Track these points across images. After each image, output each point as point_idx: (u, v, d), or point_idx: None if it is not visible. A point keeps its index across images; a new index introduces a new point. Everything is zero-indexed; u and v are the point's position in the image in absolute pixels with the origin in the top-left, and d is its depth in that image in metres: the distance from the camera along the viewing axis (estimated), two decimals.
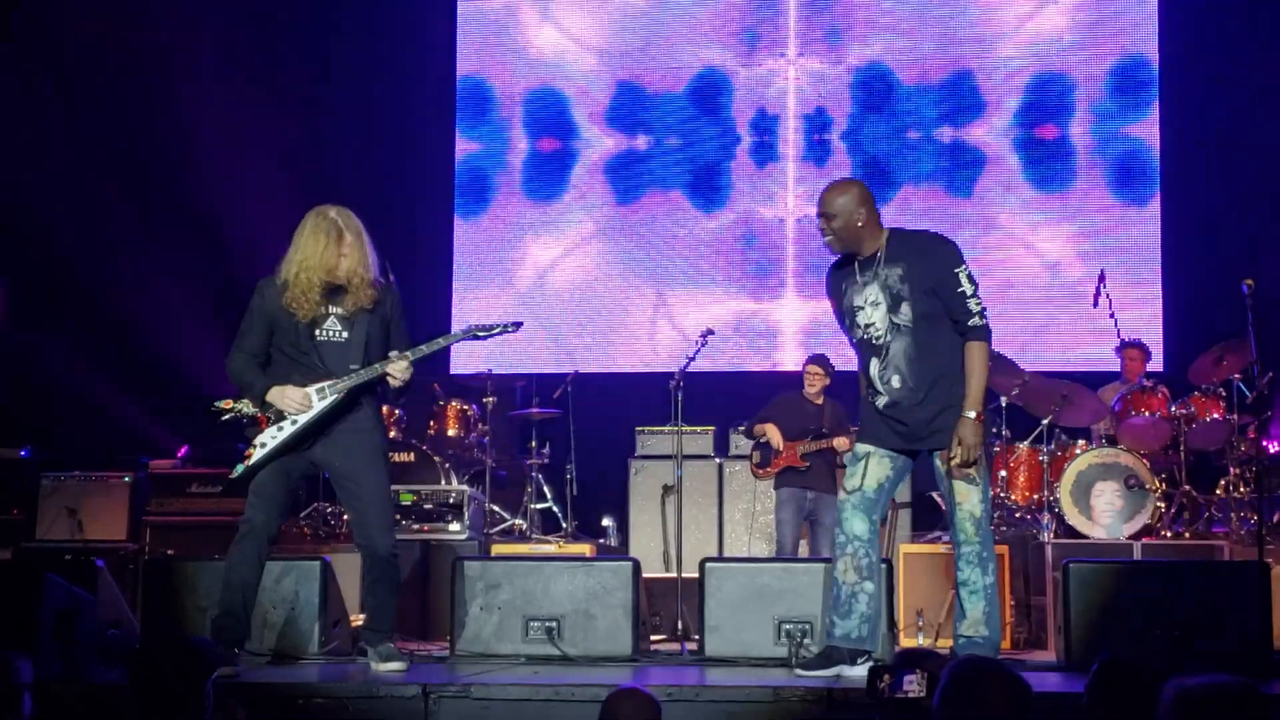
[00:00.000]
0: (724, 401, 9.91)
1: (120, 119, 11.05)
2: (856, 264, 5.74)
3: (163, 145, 11.05)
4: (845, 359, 9.47)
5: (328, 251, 5.80)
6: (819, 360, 8.91)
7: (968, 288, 5.61)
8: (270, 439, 5.85)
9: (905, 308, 5.63)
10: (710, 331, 8.94)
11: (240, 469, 5.90)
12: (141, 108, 11.05)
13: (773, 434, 8.69)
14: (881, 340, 5.68)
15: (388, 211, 9.81)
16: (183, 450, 9.82)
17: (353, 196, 6.36)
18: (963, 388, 5.61)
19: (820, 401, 8.79)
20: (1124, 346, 9.48)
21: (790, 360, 10.66)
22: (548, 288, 11.31)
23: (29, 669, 3.83)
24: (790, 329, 11.04)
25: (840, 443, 8.43)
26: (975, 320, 5.62)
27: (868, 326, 5.72)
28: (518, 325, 6.19)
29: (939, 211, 10.76)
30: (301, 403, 5.80)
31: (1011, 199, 10.99)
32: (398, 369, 5.85)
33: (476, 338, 6.20)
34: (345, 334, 5.89)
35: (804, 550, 8.65)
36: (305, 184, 10.00)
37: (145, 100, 11.03)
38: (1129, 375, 9.41)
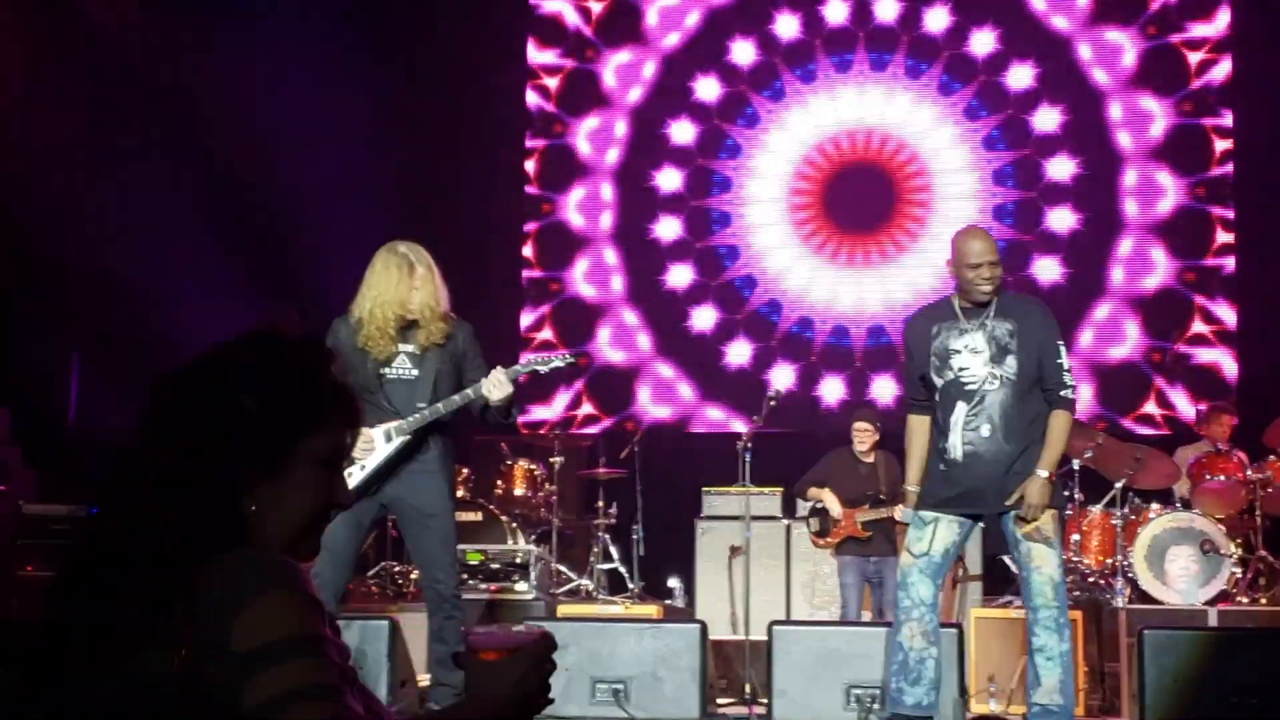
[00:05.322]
0: (792, 462, 9.83)
1: (189, 159, 11.04)
2: (960, 310, 5.74)
3: (240, 191, 11.03)
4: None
5: (400, 285, 5.86)
6: (867, 416, 8.68)
7: (1065, 360, 5.73)
8: None
9: (1011, 361, 5.66)
10: (779, 391, 8.88)
11: None
12: (206, 144, 11.04)
13: (830, 501, 8.49)
14: (977, 388, 5.67)
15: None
16: None
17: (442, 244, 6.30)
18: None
19: (872, 459, 8.59)
20: (1210, 410, 9.37)
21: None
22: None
23: None
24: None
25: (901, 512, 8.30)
26: (1066, 392, 5.72)
27: (962, 370, 5.71)
28: (576, 358, 6.14)
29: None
30: (368, 445, 5.81)
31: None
32: (492, 383, 5.79)
33: (536, 371, 6.19)
34: (415, 371, 5.91)
35: (866, 613, 8.53)
36: (393, 228, 10.00)
37: (217, 137, 11.02)
38: (1213, 439, 9.26)
